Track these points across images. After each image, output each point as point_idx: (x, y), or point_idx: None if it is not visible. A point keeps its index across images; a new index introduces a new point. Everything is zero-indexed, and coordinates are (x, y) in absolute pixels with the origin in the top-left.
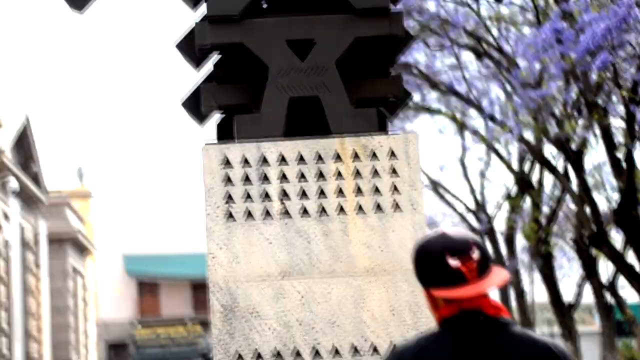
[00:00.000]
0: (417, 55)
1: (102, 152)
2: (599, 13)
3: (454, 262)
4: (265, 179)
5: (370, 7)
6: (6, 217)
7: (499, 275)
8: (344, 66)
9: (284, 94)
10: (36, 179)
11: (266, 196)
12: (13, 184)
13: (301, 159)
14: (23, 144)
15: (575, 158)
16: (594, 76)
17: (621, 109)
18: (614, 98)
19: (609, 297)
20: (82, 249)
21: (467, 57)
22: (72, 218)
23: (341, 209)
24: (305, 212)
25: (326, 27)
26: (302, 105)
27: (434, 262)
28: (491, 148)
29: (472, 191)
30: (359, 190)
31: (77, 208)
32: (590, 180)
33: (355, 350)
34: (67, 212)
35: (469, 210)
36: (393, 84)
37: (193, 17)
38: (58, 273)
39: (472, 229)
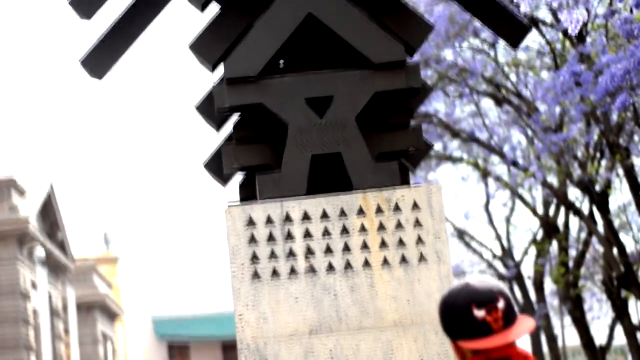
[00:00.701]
0: (436, 104)
1: (128, 216)
2: (616, 54)
3: (479, 314)
4: (289, 237)
5: (388, 62)
6: (34, 285)
7: (525, 324)
8: (363, 119)
9: (305, 152)
10: (62, 246)
11: (291, 254)
12: (39, 252)
13: (325, 215)
14: (48, 212)
15: (600, 199)
16: (614, 117)
17: None
18: (636, 138)
19: None
20: (110, 314)
21: (487, 103)
22: (100, 284)
23: (367, 263)
24: (330, 267)
25: (344, 83)
26: (324, 161)
27: (460, 314)
28: (515, 193)
29: (498, 237)
30: (383, 244)
31: (105, 273)
32: (616, 221)
33: None
34: (95, 277)
35: (495, 257)
36: (413, 136)
37: (212, 79)
38: (87, 339)
39: (500, 276)
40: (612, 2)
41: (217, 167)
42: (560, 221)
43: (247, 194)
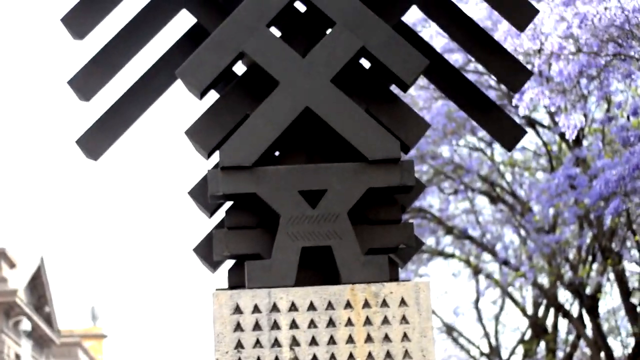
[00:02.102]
0: (431, 199)
1: (117, 293)
2: (611, 159)
3: None
4: (275, 326)
5: (383, 159)
6: (18, 357)
7: None
8: (355, 213)
9: (296, 243)
10: (49, 319)
11: (276, 343)
12: (25, 324)
13: (312, 307)
14: (37, 285)
15: (590, 303)
16: (607, 222)
17: (635, 254)
18: (628, 243)
19: None
20: None
21: (481, 201)
22: (84, 358)
23: (351, 357)
24: (315, 359)
25: (338, 177)
26: (314, 251)
27: None
28: (505, 292)
29: (487, 335)
30: (369, 338)
31: (90, 348)
32: (605, 326)
33: None
34: (79, 352)
35: (483, 354)
36: (404, 233)
37: (206, 165)
38: None
39: None
40: (610, 108)
41: (207, 252)
42: (549, 322)
43: (236, 280)
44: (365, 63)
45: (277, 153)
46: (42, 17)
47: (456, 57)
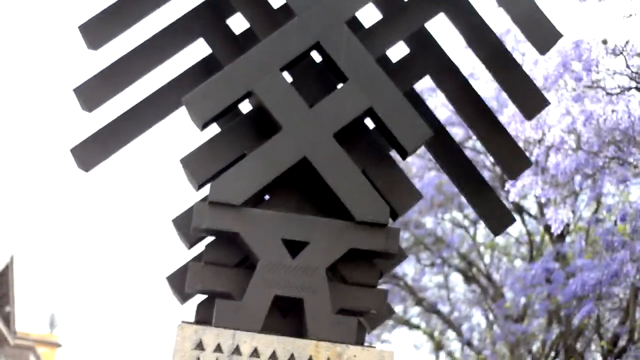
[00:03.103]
0: (406, 267)
1: (79, 305)
2: (592, 260)
3: None
4: None
5: (370, 222)
6: None
7: None
8: (333, 270)
9: (269, 289)
10: (7, 318)
11: None
12: None
13: (274, 356)
14: (1, 283)
15: None
16: (576, 321)
17: (599, 358)
18: (593, 346)
19: None
20: None
21: (456, 278)
22: None
23: None
24: None
25: (323, 231)
26: (286, 300)
27: None
28: None
29: None
30: None
31: (43, 355)
32: None
33: None
34: (31, 357)
35: None
36: (377, 299)
37: (194, 197)
38: None
39: None
40: (599, 209)
41: (180, 283)
42: None
43: (204, 315)
44: (370, 123)
45: (267, 197)
46: (52, 22)
47: (457, 131)
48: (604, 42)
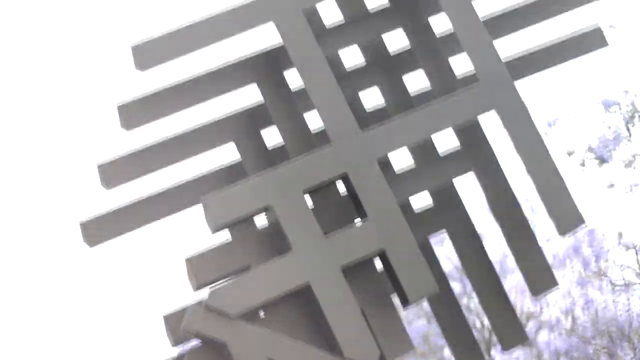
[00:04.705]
0: None
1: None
2: None
3: None
4: None
5: None
6: None
7: None
8: None
9: None
10: None
11: None
12: None
13: None
14: None
15: None
16: None
17: None
18: None
19: None
20: None
21: None
22: None
23: None
24: None
25: None
26: None
27: None
28: None
29: None
30: None
31: None
32: None
33: None
34: None
35: None
36: None
37: (190, 295)
38: None
39: None
40: None
41: None
42: None
43: None
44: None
45: (262, 313)
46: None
47: (454, 285)
48: (619, 235)
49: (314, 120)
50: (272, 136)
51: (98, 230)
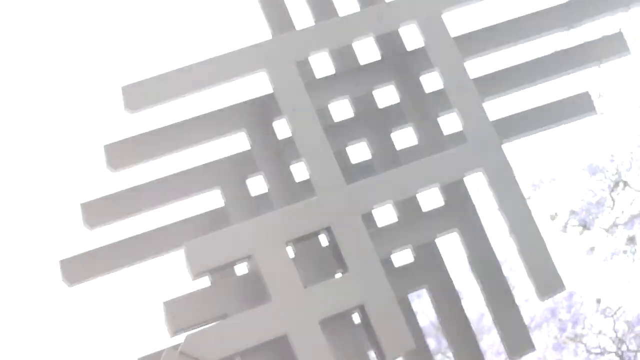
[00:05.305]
0: None
1: None
2: None
3: None
4: None
5: None
6: None
7: None
8: None
9: None
10: None
11: None
12: None
13: None
14: None
15: None
16: None
17: None
18: None
19: None
20: None
21: None
22: None
23: None
24: None
25: None
26: None
27: None
28: None
29: None
30: None
31: None
32: None
33: None
34: None
35: None
36: None
37: (166, 339)
38: None
39: None
40: None
41: None
42: None
43: None
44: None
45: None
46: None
47: (430, 341)
48: (598, 301)
49: (299, 171)
50: (257, 183)
51: (79, 268)
